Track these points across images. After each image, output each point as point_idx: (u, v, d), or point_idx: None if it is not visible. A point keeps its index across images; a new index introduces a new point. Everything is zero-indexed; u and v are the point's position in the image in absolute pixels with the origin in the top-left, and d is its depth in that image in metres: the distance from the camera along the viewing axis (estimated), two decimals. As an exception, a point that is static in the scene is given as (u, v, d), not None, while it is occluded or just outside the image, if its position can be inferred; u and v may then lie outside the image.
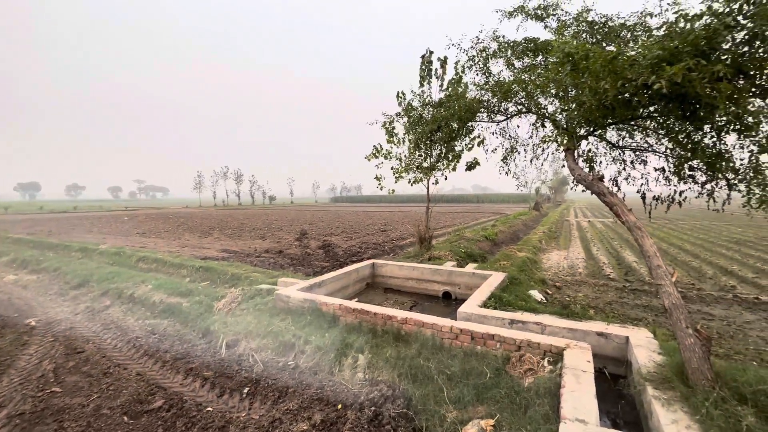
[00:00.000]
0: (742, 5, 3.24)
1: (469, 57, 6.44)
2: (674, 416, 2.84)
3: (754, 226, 21.88)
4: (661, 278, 3.43)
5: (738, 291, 8.39)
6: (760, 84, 3.96)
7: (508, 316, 5.35)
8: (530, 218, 28.49)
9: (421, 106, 9.74)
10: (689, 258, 12.37)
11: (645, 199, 5.67)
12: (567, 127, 5.13)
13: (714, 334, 6.10)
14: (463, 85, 10.26)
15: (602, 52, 3.44)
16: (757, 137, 4.20)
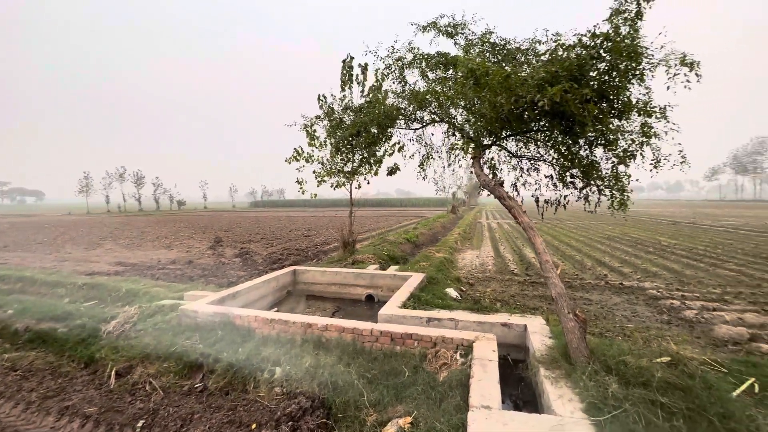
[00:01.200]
0: (603, 41, 3.92)
1: (386, 65, 6.64)
2: (560, 392, 3.26)
3: (619, 224, 26.58)
4: (549, 271, 3.93)
5: (609, 279, 10.07)
6: (618, 107, 4.82)
7: (425, 315, 5.60)
8: (448, 221, 30.51)
9: (342, 110, 9.75)
10: (574, 252, 14.49)
11: (538, 202, 6.45)
12: (474, 137, 5.59)
13: (591, 316, 7.20)
14: (383, 92, 10.56)
15: (499, 70, 3.85)
16: (617, 151, 5.11)
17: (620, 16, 4.25)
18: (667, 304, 7.67)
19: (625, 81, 4.50)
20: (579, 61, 3.81)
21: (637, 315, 7.26)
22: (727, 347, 5.67)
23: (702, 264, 11.76)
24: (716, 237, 18.68)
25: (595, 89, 4.50)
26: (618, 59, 4.20)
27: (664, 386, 3.14)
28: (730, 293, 8.42)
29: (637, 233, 20.70)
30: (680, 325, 6.64)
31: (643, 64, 4.56)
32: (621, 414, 2.84)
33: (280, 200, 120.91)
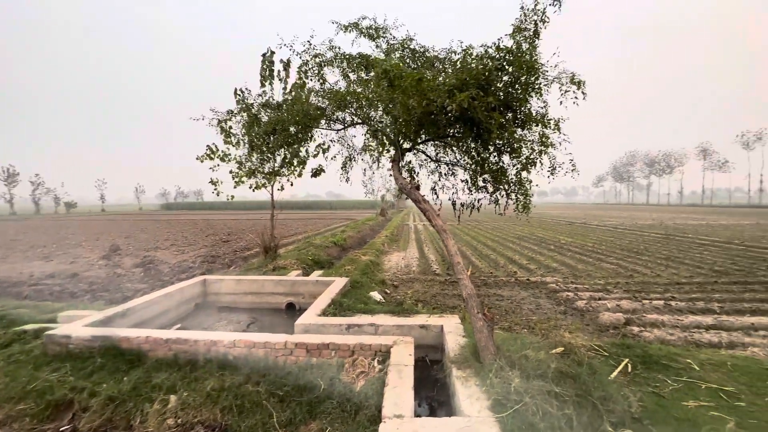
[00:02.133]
0: (506, 54, 4.19)
1: (303, 61, 6.34)
2: (469, 391, 3.34)
3: (528, 225, 29.62)
4: (460, 273, 4.06)
5: (518, 275, 11.02)
6: (521, 117, 5.21)
7: (345, 322, 5.42)
8: (377, 223, 30.88)
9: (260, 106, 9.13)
10: (489, 252, 15.65)
11: (455, 205, 6.74)
12: (391, 140, 5.59)
13: (503, 311, 7.75)
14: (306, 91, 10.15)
15: (412, 73, 3.87)
16: (521, 158, 5.53)
17: (521, 33, 4.60)
18: (563, 296, 8.61)
19: (526, 94, 4.88)
20: (485, 70, 4.01)
21: (540, 308, 8.01)
22: (609, 332, 6.51)
23: (590, 259, 13.58)
24: (601, 235, 21.85)
25: (501, 99, 4.81)
26: (519, 73, 4.53)
27: (558, 376, 3.40)
28: (611, 283, 9.79)
29: (541, 233, 23.23)
30: (573, 315, 7.48)
31: (541, 79, 5.01)
32: (521, 408, 2.99)
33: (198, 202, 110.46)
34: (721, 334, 6.18)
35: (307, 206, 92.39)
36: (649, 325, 6.69)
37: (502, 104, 4.18)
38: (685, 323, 6.71)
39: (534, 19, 4.46)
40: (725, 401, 3.66)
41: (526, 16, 4.43)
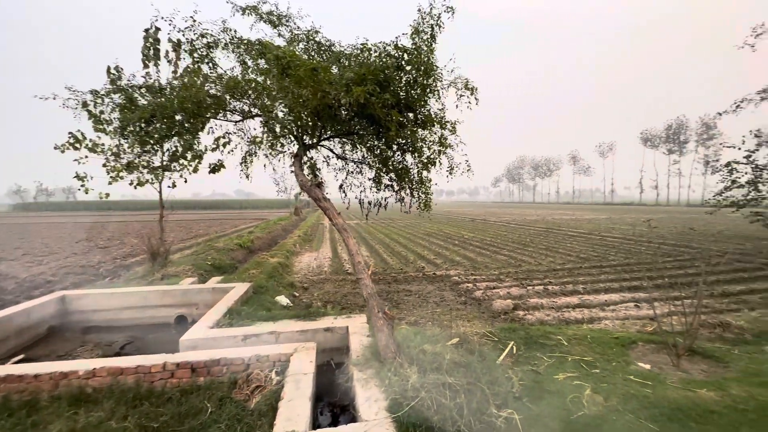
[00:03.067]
0: (404, 54, 4.24)
1: (187, 40, 5.59)
2: (369, 393, 3.27)
3: (436, 222, 31.65)
4: (361, 273, 3.99)
5: (426, 270, 11.58)
6: (421, 118, 5.38)
7: (242, 332, 4.92)
8: (290, 223, 29.62)
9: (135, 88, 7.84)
10: (401, 248, 16.20)
11: (362, 203, 6.70)
12: (295, 135, 5.27)
13: (410, 306, 8.00)
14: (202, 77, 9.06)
15: (306, 62, 3.65)
16: (422, 158, 5.72)
17: (420, 35, 4.72)
18: (464, 288, 9.29)
19: (425, 95, 5.05)
20: (384, 67, 3.99)
21: (444, 300, 8.50)
22: (501, 317, 7.20)
23: (488, 252, 15.02)
24: (497, 230, 24.46)
25: (400, 98, 4.89)
26: (418, 74, 4.65)
27: (453, 366, 3.55)
28: (503, 273, 10.92)
29: (448, 229, 25.00)
30: (472, 304, 8.10)
31: (438, 83, 5.23)
32: (417, 404, 3.02)
33: (68, 202, 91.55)
34: (584, 311, 7.32)
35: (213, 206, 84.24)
36: (531, 308, 7.59)
37: (401, 103, 4.22)
38: (559, 304, 7.80)
39: (431, 23, 4.61)
40: (585, 370, 4.28)
41: (423, 19, 4.56)
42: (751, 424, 3.23)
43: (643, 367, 4.36)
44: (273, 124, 4.51)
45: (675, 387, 3.88)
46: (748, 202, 6.09)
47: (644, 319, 6.73)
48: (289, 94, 3.76)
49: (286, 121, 4.36)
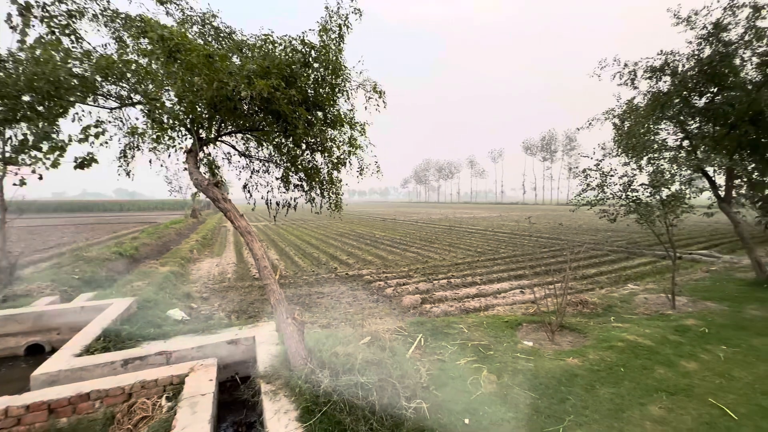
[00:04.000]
0: (311, 50, 4.12)
1: (39, 3, 4.54)
2: (278, 405, 3.08)
3: (349, 222, 31.83)
4: (267, 278, 3.75)
5: (338, 271, 11.52)
6: (330, 117, 5.31)
7: (122, 357, 4.18)
8: (185, 226, 26.45)
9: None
10: (313, 250, 15.84)
11: (269, 204, 6.32)
12: (188, 128, 4.69)
13: (323, 308, 7.86)
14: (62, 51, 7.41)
15: (200, 47, 3.27)
16: (332, 158, 5.66)
17: (327, 33, 4.64)
18: (376, 286, 9.51)
19: (333, 95, 4.99)
20: (290, 62, 3.82)
21: (357, 300, 8.56)
22: (410, 312, 7.56)
23: (398, 250, 15.67)
24: (407, 228, 25.72)
25: (310, 98, 4.75)
26: (327, 72, 4.58)
27: (365, 366, 3.57)
28: (412, 269, 11.51)
29: (360, 229, 25.36)
30: (384, 302, 8.33)
31: (347, 83, 5.23)
32: (330, 409, 2.96)
33: None
34: (481, 300, 8.15)
35: (83, 207, 70.32)
36: (437, 301, 8.15)
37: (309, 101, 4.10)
38: (460, 295, 8.54)
39: (338, 22, 4.57)
40: (482, 353, 4.75)
41: (331, 18, 4.50)
42: (602, 380, 3.99)
43: (527, 345, 5.03)
44: (159, 113, 3.91)
45: (550, 358, 4.57)
46: (597, 201, 7.53)
47: (527, 303, 7.80)
48: (179, 81, 3.30)
49: (175, 112, 3.82)
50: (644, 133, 8.18)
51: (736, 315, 6.27)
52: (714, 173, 9.17)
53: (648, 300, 7.43)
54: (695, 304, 6.94)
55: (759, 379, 4.03)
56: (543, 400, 3.58)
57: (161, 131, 3.91)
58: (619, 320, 6.14)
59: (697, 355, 4.62)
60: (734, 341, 5.09)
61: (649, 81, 9.01)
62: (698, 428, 3.17)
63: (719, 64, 7.91)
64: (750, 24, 7.54)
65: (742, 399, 3.63)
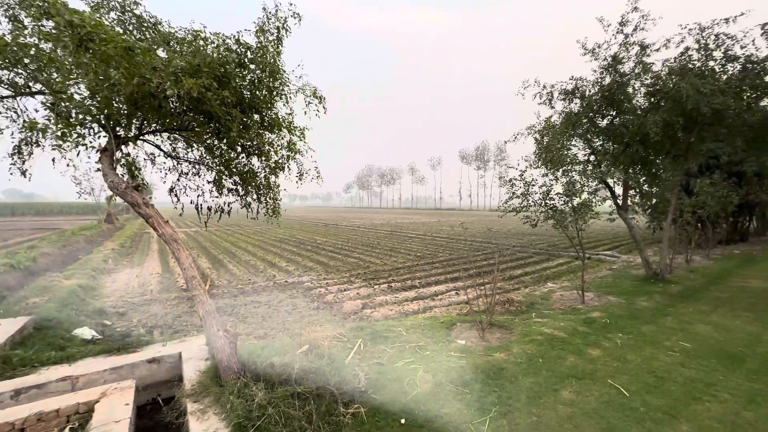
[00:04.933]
0: (247, 50, 3.99)
1: None
2: (206, 425, 2.89)
3: (288, 227, 30.85)
4: (195, 288, 3.51)
5: (277, 278, 11.10)
6: (268, 121, 5.16)
7: (11, 387, 3.58)
8: (98, 233, 23.42)
9: None
10: (250, 257, 15.06)
11: (200, 209, 5.91)
12: (102, 124, 4.21)
13: (260, 318, 7.52)
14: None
15: (117, 36, 2.98)
16: (270, 162, 5.49)
17: (265, 35, 4.53)
18: (317, 293, 9.35)
19: (271, 98, 4.87)
20: (224, 62, 3.65)
21: (297, 308, 8.33)
22: (351, 318, 7.56)
23: (340, 255, 15.57)
24: (349, 234, 25.67)
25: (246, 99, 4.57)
26: (264, 74, 4.45)
27: (302, 375, 3.51)
28: (354, 275, 11.52)
29: (301, 235, 24.72)
30: (324, 309, 8.22)
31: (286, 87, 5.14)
32: (264, 423, 2.85)
33: None
34: (420, 302, 8.45)
35: (-40, 211, 58.66)
36: (378, 305, 8.27)
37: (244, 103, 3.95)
38: (400, 299, 8.76)
39: (276, 24, 4.49)
40: (420, 354, 4.93)
41: (269, 19, 4.40)
42: (524, 372, 4.38)
43: (460, 343, 5.34)
44: (66, 107, 3.44)
45: (481, 355, 4.90)
46: (521, 208, 8.30)
47: (462, 304, 8.26)
48: (91, 74, 2.95)
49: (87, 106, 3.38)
50: (559, 148, 9.20)
51: (630, 306, 7.31)
52: (614, 184, 10.65)
53: (563, 296, 8.33)
54: (600, 299, 7.95)
55: (645, 360, 4.75)
56: (473, 395, 3.83)
57: (68, 127, 3.44)
58: (539, 316, 6.79)
59: (600, 343, 5.30)
60: (628, 329, 5.94)
61: (563, 102, 10.19)
62: (599, 407, 3.65)
63: (617, 92, 9.24)
64: (639, 59, 8.92)
65: (633, 378, 4.25)
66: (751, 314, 6.84)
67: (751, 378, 4.30)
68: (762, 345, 5.36)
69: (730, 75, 8.75)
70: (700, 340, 5.53)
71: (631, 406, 3.66)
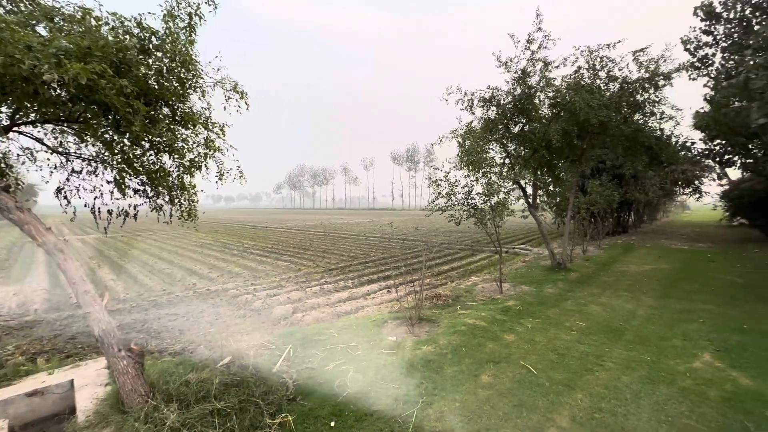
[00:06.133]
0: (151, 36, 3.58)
1: None
2: (104, 460, 2.53)
3: (210, 231, 28.58)
4: (90, 305, 3.04)
5: (197, 287, 10.20)
6: (181, 115, 4.70)
7: None
8: (-39, 244, 19.09)
9: None
10: (165, 264, 13.60)
11: (98, 213, 5.18)
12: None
13: (176, 332, 6.83)
14: None
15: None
16: (184, 160, 5.02)
17: (174, 20, 4.12)
18: (243, 300, 8.80)
19: (184, 90, 4.45)
20: (122, 47, 3.23)
21: (220, 317, 7.74)
22: (281, 323, 7.26)
23: (269, 259, 14.88)
24: (280, 236, 24.65)
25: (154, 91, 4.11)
26: (173, 64, 4.05)
27: (223, 389, 3.27)
28: (284, 279, 11.10)
29: (226, 238, 23.05)
30: (252, 316, 7.77)
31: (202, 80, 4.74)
32: (176, 447, 2.59)
33: None
34: (352, 303, 8.45)
35: None
36: (309, 308, 8.07)
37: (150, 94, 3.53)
38: (333, 300, 8.66)
39: (188, 10, 4.12)
40: (351, 354, 4.94)
41: (179, 3, 4.02)
42: (449, 361, 4.65)
43: (391, 340, 5.46)
44: None
45: (410, 349, 5.08)
46: (446, 207, 8.81)
47: (393, 301, 8.47)
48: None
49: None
50: (479, 151, 9.95)
51: (539, 294, 8.21)
52: (525, 185, 11.87)
53: (485, 288, 9.04)
54: (515, 288, 8.79)
55: (550, 341, 5.38)
56: (401, 389, 3.95)
57: None
58: (463, 308, 7.27)
59: (515, 329, 5.87)
60: (537, 314, 6.67)
61: (482, 109, 11.05)
62: (512, 386, 4.03)
63: (526, 102, 10.30)
64: (543, 74, 10.06)
65: (540, 358, 4.78)
66: (629, 294, 8.16)
67: (628, 348, 5.13)
68: (636, 319, 6.42)
69: (612, 92, 10.34)
70: (592, 318, 6.44)
71: (538, 382, 4.11)
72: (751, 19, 11.19)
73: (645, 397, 3.78)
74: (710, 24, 12.17)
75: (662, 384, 4.05)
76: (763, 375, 4.26)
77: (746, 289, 8.51)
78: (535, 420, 3.39)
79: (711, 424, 3.30)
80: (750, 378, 4.19)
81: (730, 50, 11.83)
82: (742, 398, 3.74)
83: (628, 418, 3.41)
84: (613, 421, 3.36)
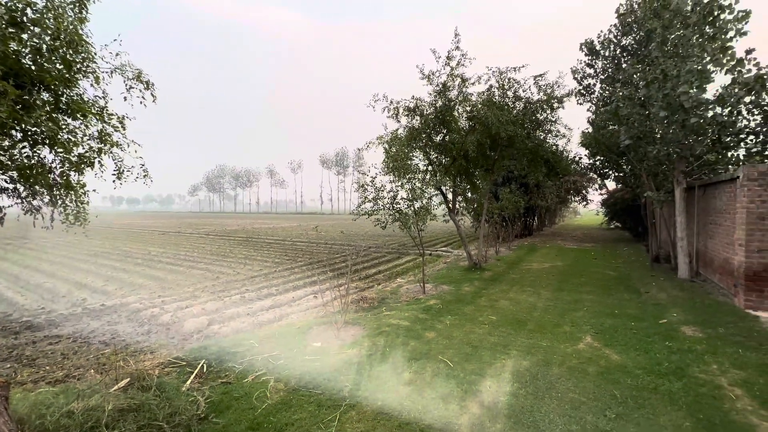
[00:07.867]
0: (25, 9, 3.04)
1: None
2: None
3: (108, 238, 24.93)
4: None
5: (88, 302, 8.79)
6: (66, 102, 4.06)
7: None
8: None
9: None
10: (45, 279, 11.45)
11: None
12: None
13: (59, 357, 5.79)
14: None
15: None
16: (70, 155, 4.33)
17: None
18: (148, 314, 7.84)
19: (71, 73, 3.86)
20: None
21: (118, 335, 6.78)
22: (194, 337, 6.63)
23: (182, 267, 13.49)
24: (195, 242, 22.50)
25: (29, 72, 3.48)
26: (57, 43, 3.49)
27: (118, 416, 2.87)
28: (199, 289, 10.16)
29: (128, 246, 20.30)
30: (158, 331, 6.95)
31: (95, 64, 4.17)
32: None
33: None
34: (276, 310, 8.10)
35: None
36: (228, 319, 7.51)
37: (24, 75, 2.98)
38: (254, 309, 8.19)
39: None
40: (272, 364, 4.73)
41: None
42: (373, 362, 4.74)
43: (316, 346, 5.37)
44: None
45: (335, 353, 5.05)
46: (373, 212, 9.00)
47: (319, 306, 8.33)
48: None
49: None
50: (403, 158, 10.37)
51: (457, 292, 8.83)
52: (446, 191, 12.70)
53: (409, 290, 9.41)
54: (436, 288, 9.32)
55: (466, 335, 5.82)
56: (325, 394, 3.91)
57: None
58: (389, 309, 7.47)
59: (435, 326, 6.22)
60: (455, 311, 7.16)
61: (407, 118, 11.56)
62: (432, 380, 4.27)
63: (446, 114, 11.05)
64: (461, 90, 10.92)
65: (456, 351, 5.14)
66: (532, 289, 9.23)
67: (529, 336, 5.80)
68: (537, 311, 7.29)
69: (518, 110, 11.67)
70: (501, 312, 7.13)
71: (454, 374, 4.42)
72: (621, 58, 13.63)
73: (541, 378, 4.32)
74: (592, 59, 14.50)
75: (554, 365, 4.67)
76: (627, 350, 5.17)
77: (618, 281, 10.25)
78: (452, 409, 3.64)
79: (589, 395, 3.90)
80: (618, 354, 5.05)
81: (606, 82, 14.24)
82: (612, 371, 4.50)
83: (527, 398, 3.85)
84: (515, 402, 3.77)
